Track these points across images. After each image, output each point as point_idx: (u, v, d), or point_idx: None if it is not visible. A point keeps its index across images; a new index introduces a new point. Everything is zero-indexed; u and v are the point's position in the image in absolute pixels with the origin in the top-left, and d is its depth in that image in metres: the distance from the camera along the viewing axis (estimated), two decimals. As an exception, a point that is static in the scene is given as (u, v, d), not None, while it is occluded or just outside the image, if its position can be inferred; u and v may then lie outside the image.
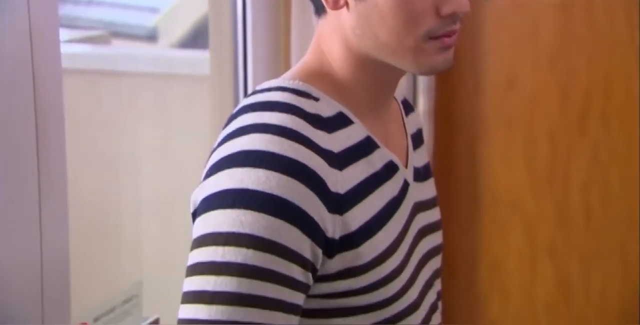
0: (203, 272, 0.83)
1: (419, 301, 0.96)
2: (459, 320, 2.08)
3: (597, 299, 2.02)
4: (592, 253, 2.02)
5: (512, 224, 2.06)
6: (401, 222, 0.94)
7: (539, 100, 2.05)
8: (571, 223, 2.03)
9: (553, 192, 2.04)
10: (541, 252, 2.05)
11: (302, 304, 0.86)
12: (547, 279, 2.05)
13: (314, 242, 0.84)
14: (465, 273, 2.10)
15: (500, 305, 2.08)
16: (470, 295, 2.09)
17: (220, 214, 0.83)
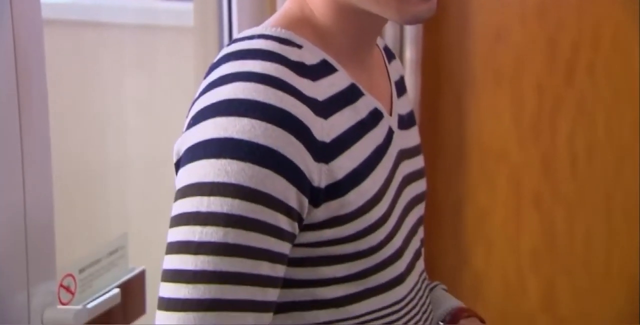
0: (188, 222, 0.82)
1: (404, 248, 0.96)
2: (444, 269, 2.09)
3: (582, 248, 2.04)
4: (577, 203, 2.03)
5: (498, 174, 2.07)
6: (386, 170, 0.94)
7: (526, 52, 2.03)
8: (557, 173, 2.03)
9: (539, 143, 2.04)
10: (527, 202, 2.05)
11: (288, 254, 0.86)
12: (532, 228, 2.06)
13: (299, 191, 0.84)
14: (450, 223, 2.11)
15: (485, 255, 2.09)
16: (455, 245, 2.11)
17: (205, 164, 0.82)
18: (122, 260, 1.35)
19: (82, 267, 1.26)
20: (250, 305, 0.82)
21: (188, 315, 0.81)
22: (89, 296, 1.25)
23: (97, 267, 1.29)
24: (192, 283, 0.81)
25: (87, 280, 1.26)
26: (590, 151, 2.02)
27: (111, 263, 1.32)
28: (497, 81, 2.06)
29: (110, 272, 1.31)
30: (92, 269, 1.28)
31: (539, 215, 2.05)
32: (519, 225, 2.06)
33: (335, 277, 0.89)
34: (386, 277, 0.93)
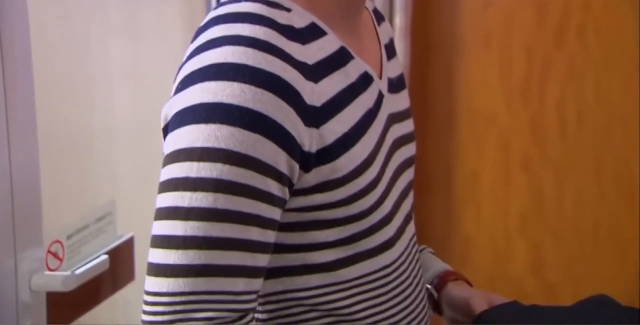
0: (177, 188, 0.82)
1: (394, 212, 0.96)
2: (433, 234, 2.10)
3: (571, 212, 2.04)
4: (567, 166, 2.03)
5: (488, 138, 2.06)
6: (377, 134, 0.93)
7: (516, 15, 2.02)
8: (546, 136, 2.03)
9: (529, 106, 2.04)
10: (516, 166, 2.06)
11: (278, 219, 0.85)
12: (522, 192, 2.06)
13: (290, 156, 0.83)
14: (440, 187, 2.11)
15: (475, 219, 2.10)
16: (445, 209, 2.11)
17: (194, 129, 0.81)
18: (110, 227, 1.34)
19: (70, 233, 1.25)
20: (240, 270, 0.82)
21: (177, 280, 0.81)
22: (77, 263, 1.25)
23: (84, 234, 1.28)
24: (182, 249, 0.81)
25: (75, 246, 1.26)
26: (580, 114, 2.01)
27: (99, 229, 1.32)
28: (486, 45, 2.05)
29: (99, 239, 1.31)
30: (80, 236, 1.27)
31: (528, 179, 2.05)
32: (508, 188, 2.07)
33: (326, 241, 0.89)
34: (376, 241, 0.93)
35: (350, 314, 0.92)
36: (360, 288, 0.92)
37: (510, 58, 2.03)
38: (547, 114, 2.03)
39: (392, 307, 0.95)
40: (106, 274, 1.29)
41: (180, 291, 0.81)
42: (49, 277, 1.13)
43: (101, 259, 1.26)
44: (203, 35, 0.86)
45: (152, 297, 0.82)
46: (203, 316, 0.81)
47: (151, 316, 0.82)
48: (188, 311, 0.81)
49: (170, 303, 0.81)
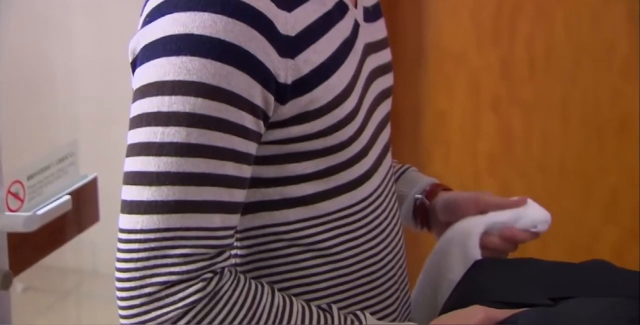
0: (149, 123, 0.80)
1: (371, 144, 0.96)
2: (402, 175, 2.11)
3: (538, 151, 2.06)
4: (535, 106, 2.05)
5: (457, 78, 2.06)
6: (354, 64, 0.92)
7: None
8: (515, 76, 2.04)
9: (498, 45, 2.03)
10: (485, 105, 2.06)
11: (254, 153, 0.84)
12: (490, 131, 2.07)
13: (264, 88, 0.81)
14: (409, 127, 2.11)
15: (444, 158, 2.11)
16: (413, 148, 2.11)
17: (164, 62, 0.80)
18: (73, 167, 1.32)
19: (31, 173, 1.23)
20: (216, 206, 0.81)
21: (152, 217, 0.80)
22: (39, 204, 1.23)
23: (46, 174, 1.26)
24: (155, 185, 0.80)
25: (36, 187, 1.24)
26: (549, 53, 2.02)
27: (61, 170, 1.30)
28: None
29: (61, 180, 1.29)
30: (41, 176, 1.25)
31: (497, 118, 2.06)
32: (477, 128, 2.08)
33: (304, 174, 0.88)
34: (354, 174, 0.92)
35: (328, 248, 0.92)
36: (338, 222, 0.92)
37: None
38: (517, 52, 2.03)
39: (370, 240, 0.95)
40: (69, 215, 1.28)
41: (155, 228, 0.80)
42: (10, 217, 1.11)
43: (63, 199, 1.25)
44: None
45: (126, 234, 0.81)
46: (179, 253, 0.80)
47: (125, 254, 0.81)
48: (163, 248, 0.80)
49: (144, 240, 0.80)
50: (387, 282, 0.98)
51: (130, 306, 0.81)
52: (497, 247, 1.08)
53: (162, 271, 0.80)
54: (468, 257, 1.06)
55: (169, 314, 0.80)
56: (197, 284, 0.81)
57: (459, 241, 1.08)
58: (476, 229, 1.08)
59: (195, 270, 0.81)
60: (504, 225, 1.08)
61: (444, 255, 1.09)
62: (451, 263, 1.07)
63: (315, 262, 0.92)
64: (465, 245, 1.07)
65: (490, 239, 1.08)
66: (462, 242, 1.08)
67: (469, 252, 1.07)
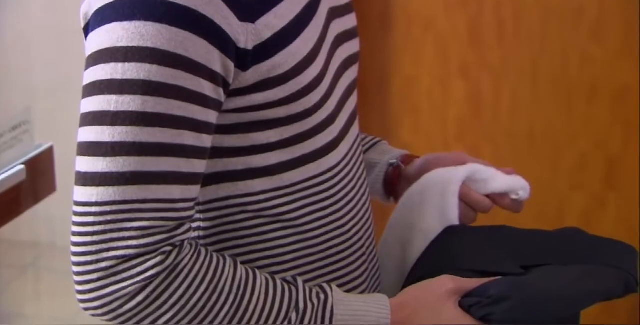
0: (102, 91, 0.78)
1: (338, 111, 0.94)
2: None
3: (507, 116, 2.07)
4: (503, 71, 2.04)
5: (425, 43, 2.05)
6: (318, 29, 0.90)
7: None
8: (484, 41, 2.03)
9: (466, 10, 2.02)
10: (453, 71, 2.05)
11: (214, 122, 0.82)
12: (459, 98, 2.07)
13: (224, 54, 0.80)
14: (377, 93, 2.10)
15: (413, 125, 2.11)
16: (381, 114, 2.11)
17: (117, 27, 0.77)
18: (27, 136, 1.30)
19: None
20: (174, 177, 0.80)
21: (107, 189, 0.78)
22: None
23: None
24: (110, 156, 0.78)
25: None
26: (517, 16, 2.01)
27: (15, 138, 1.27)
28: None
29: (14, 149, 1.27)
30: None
31: (465, 84, 2.06)
32: (445, 94, 2.07)
33: (268, 143, 0.87)
34: (320, 142, 0.91)
35: (295, 218, 0.91)
36: (305, 192, 0.91)
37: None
38: (485, 16, 2.02)
39: (337, 211, 0.94)
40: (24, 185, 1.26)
41: (111, 200, 0.78)
42: (-40, 188, 1.09)
43: (17, 169, 1.23)
44: None
45: (81, 207, 0.80)
46: (136, 226, 0.79)
47: (80, 227, 0.79)
48: (120, 221, 0.78)
49: (100, 213, 0.78)
50: (355, 253, 0.97)
51: (86, 281, 0.80)
52: (473, 202, 1.05)
53: (118, 245, 0.79)
54: (446, 206, 1.02)
55: (127, 289, 0.79)
56: (156, 257, 0.79)
57: (436, 189, 1.03)
58: (457, 176, 1.04)
59: (154, 244, 0.79)
60: (485, 182, 1.05)
61: (416, 205, 1.05)
62: (425, 213, 1.03)
63: (281, 234, 0.91)
64: (443, 192, 1.03)
65: (468, 191, 1.04)
66: (440, 189, 1.03)
67: (447, 201, 1.02)
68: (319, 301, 0.86)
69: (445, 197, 1.03)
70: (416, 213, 1.04)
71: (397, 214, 1.07)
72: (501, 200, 1.06)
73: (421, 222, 1.03)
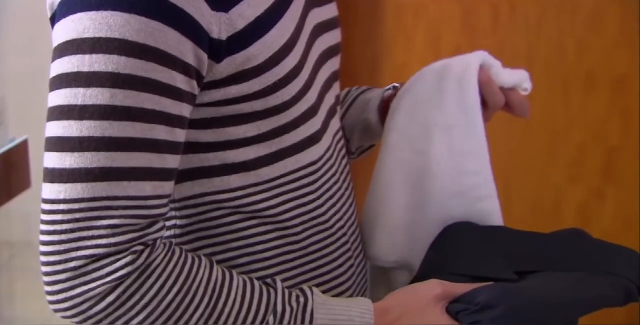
0: (69, 84, 0.77)
1: (318, 104, 0.93)
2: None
3: (502, 107, 2.06)
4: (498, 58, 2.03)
5: (416, 29, 2.04)
6: (295, 19, 0.89)
7: None
8: (477, 28, 2.02)
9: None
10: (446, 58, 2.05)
11: (187, 115, 0.82)
12: (452, 87, 2.06)
13: (196, 45, 0.79)
14: (367, 82, 2.09)
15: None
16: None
17: (83, 17, 0.77)
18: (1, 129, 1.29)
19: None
20: (146, 173, 0.79)
21: (75, 186, 0.78)
22: (-35, 168, 1.20)
23: (-29, 137, 1.23)
24: (78, 151, 0.77)
25: (-41, 151, 1.21)
26: (512, 2, 2.00)
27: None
28: None
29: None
30: (-35, 137, 1.22)
31: (458, 72, 2.05)
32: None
33: (245, 137, 0.86)
34: (300, 135, 0.90)
35: (276, 215, 0.90)
36: (285, 187, 0.90)
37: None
38: (479, 2, 2.01)
39: (320, 206, 0.94)
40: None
41: (79, 197, 0.77)
42: None
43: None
44: None
45: (49, 205, 0.79)
46: (106, 224, 0.78)
47: (49, 225, 0.79)
48: (89, 219, 0.78)
49: (68, 211, 0.78)
50: (339, 249, 0.96)
51: (55, 281, 0.79)
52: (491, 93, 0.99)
53: (88, 244, 0.78)
54: (466, 95, 0.95)
55: (97, 289, 0.78)
56: (126, 256, 0.78)
57: (451, 77, 0.96)
58: (474, 60, 0.97)
59: (124, 242, 0.79)
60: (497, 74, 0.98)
61: (426, 101, 0.97)
62: (444, 106, 0.95)
63: (260, 230, 0.90)
64: (460, 80, 0.96)
65: (488, 79, 0.98)
66: (457, 77, 0.95)
67: (466, 89, 0.95)
68: (298, 304, 0.85)
69: (463, 85, 0.97)
70: (429, 109, 0.98)
71: (402, 114, 0.99)
72: (512, 95, 1.02)
73: (440, 116, 0.97)
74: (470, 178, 0.98)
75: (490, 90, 1.00)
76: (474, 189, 0.98)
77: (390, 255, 1.01)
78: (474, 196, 0.98)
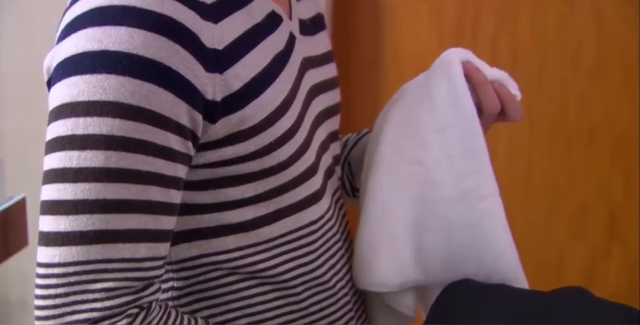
0: (64, 147, 0.78)
1: (316, 164, 0.94)
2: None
3: (504, 162, 2.07)
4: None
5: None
6: (290, 79, 0.90)
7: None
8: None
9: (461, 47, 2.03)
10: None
11: (183, 176, 0.82)
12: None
13: (191, 106, 0.80)
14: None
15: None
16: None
17: (78, 81, 0.78)
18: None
19: (-48, 196, 1.20)
20: (141, 235, 0.80)
21: (70, 249, 0.78)
22: (-39, 227, 1.20)
23: (-32, 195, 1.24)
24: (73, 214, 0.78)
25: (-44, 209, 1.21)
26: (514, 55, 2.02)
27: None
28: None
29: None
30: (-37, 197, 1.23)
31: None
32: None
33: (243, 198, 0.87)
34: (300, 195, 0.91)
35: (276, 275, 0.91)
36: (284, 247, 0.91)
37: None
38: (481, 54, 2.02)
39: (321, 265, 0.94)
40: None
41: (74, 261, 0.78)
42: None
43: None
44: None
45: (44, 269, 0.79)
46: (101, 287, 0.78)
47: (43, 290, 0.79)
48: (84, 282, 0.78)
49: (63, 274, 0.78)
50: (341, 309, 0.97)
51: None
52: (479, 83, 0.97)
53: (82, 308, 0.78)
54: (455, 91, 0.93)
55: None
56: (122, 320, 0.79)
57: (438, 72, 0.95)
58: (453, 55, 0.96)
59: (119, 306, 0.79)
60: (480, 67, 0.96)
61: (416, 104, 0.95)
62: (435, 108, 0.93)
63: (260, 290, 0.91)
64: (448, 77, 0.94)
65: (474, 69, 0.97)
66: (443, 76, 0.94)
67: (455, 85, 0.93)
68: None
69: (451, 81, 0.95)
70: (419, 115, 0.96)
71: (391, 127, 0.98)
72: (501, 89, 1.00)
73: (432, 121, 0.95)
74: (470, 178, 0.96)
75: (484, 90, 0.98)
76: (475, 189, 0.96)
77: (397, 278, 0.98)
78: (476, 196, 0.95)
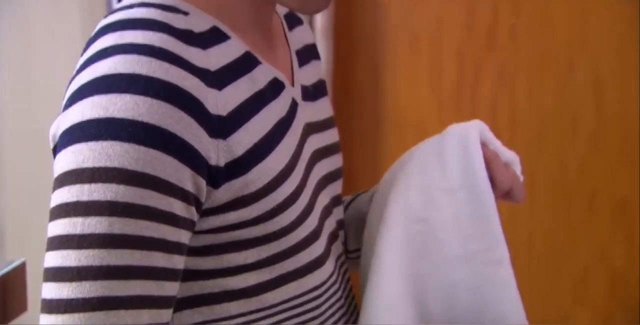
0: (68, 214, 0.79)
1: (319, 229, 0.95)
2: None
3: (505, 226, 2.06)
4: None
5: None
6: (293, 145, 0.92)
7: (445, 16, 2.04)
8: (479, 145, 2.05)
9: (460, 112, 2.06)
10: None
11: (186, 242, 0.83)
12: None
13: (195, 172, 0.81)
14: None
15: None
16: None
17: (84, 148, 0.79)
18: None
19: (-47, 261, 1.20)
20: (144, 301, 0.80)
21: (73, 316, 0.78)
22: (-40, 292, 1.20)
23: (-30, 261, 1.24)
24: (76, 281, 0.78)
25: (-44, 274, 1.21)
26: (513, 120, 2.04)
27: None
28: (414, 48, 2.06)
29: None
30: (-36, 263, 1.23)
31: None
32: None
33: (245, 264, 0.87)
34: (302, 260, 0.91)
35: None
36: (288, 313, 0.91)
37: (440, 61, 2.05)
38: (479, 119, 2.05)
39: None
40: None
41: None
42: None
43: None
44: (93, 45, 0.84)
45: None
46: None
47: None
48: None
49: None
50: None
51: None
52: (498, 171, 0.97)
53: None
54: (471, 160, 0.92)
55: None
56: (123, 388, 0.78)
57: (455, 140, 0.94)
58: (474, 126, 0.95)
59: None
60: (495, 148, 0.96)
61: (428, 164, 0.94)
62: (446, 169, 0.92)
63: None
64: (465, 147, 0.93)
65: (495, 156, 0.96)
66: (460, 140, 0.93)
67: (471, 156, 0.92)
68: None
69: (467, 148, 0.94)
70: (430, 175, 0.95)
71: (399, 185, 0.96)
72: (509, 169, 1.01)
73: (442, 181, 0.93)
74: (478, 242, 0.95)
75: (499, 168, 0.99)
76: (481, 253, 0.95)
77: None
78: (482, 260, 0.95)
